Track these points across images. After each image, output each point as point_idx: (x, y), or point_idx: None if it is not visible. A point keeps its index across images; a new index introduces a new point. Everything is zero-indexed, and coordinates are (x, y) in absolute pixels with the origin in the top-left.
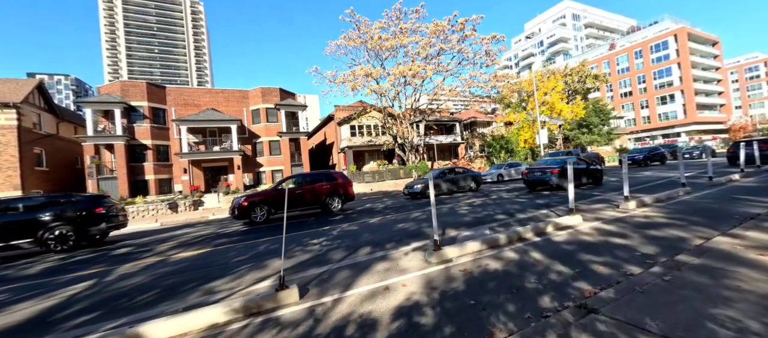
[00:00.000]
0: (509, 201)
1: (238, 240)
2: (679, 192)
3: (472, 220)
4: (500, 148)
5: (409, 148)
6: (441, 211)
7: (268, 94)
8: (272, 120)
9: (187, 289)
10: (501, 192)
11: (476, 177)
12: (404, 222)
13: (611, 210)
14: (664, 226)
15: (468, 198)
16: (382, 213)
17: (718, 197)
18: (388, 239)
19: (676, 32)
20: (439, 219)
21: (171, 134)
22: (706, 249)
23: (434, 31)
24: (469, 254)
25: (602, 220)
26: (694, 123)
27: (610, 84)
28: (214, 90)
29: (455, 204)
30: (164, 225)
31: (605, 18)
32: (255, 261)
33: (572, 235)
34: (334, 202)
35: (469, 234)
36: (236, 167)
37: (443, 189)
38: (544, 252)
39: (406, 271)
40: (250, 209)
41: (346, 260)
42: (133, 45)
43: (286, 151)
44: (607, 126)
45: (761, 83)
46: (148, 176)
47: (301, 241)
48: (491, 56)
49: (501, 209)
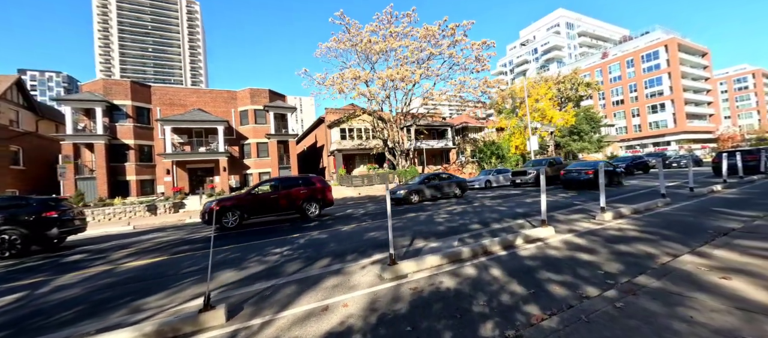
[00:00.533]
0: (490, 209)
1: (200, 247)
2: (658, 204)
3: (445, 230)
4: (491, 154)
5: (400, 152)
6: (418, 219)
7: (257, 95)
8: (261, 121)
9: (116, 305)
10: (485, 200)
11: (461, 183)
12: (378, 230)
13: (587, 221)
14: (635, 241)
15: (450, 205)
16: (358, 220)
17: (697, 209)
18: (353, 249)
19: (667, 42)
20: (413, 228)
21: (156, 134)
22: (670, 269)
23: (424, 35)
24: (427, 269)
25: (575, 233)
26: (683, 132)
27: (603, 92)
28: (202, 90)
29: (435, 211)
30: (137, 228)
31: (598, 27)
32: (204, 275)
33: (540, 249)
34: (311, 208)
35: (436, 245)
36: (222, 169)
37: (427, 195)
38: (505, 268)
39: (355, 288)
40: (220, 214)
41: (298, 273)
42: (127, 43)
43: (274, 153)
44: (598, 133)
45: (750, 94)
46: (130, 177)
47: (262, 250)
48: (481, 61)
49: (479, 218)
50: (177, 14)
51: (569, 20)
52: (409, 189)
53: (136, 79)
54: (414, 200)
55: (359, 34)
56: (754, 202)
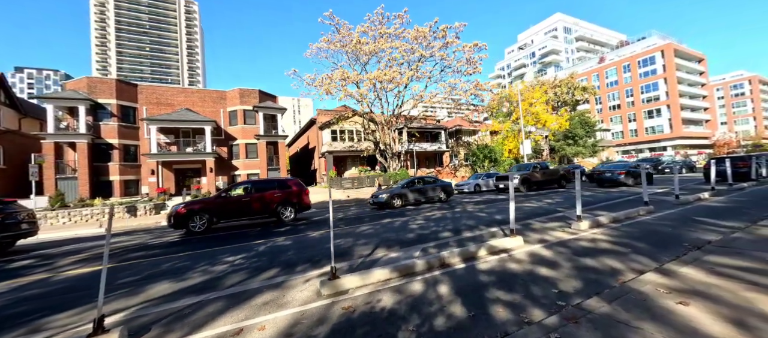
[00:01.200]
0: (469, 215)
1: (156, 254)
2: (640, 212)
3: (414, 238)
4: (483, 158)
5: (391, 154)
6: (392, 225)
7: (247, 95)
8: (250, 122)
9: (18, 324)
10: (469, 205)
11: (446, 187)
12: (346, 237)
13: (561, 230)
14: (604, 254)
15: (432, 210)
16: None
17: (678, 219)
18: (309, 259)
19: (663, 48)
20: (383, 235)
21: (141, 134)
22: (627, 290)
23: (415, 36)
24: (371, 285)
25: (544, 243)
26: (679, 137)
27: (600, 97)
28: (190, 89)
29: (413, 217)
30: None
31: (596, 32)
32: (138, 286)
33: (501, 262)
34: (285, 211)
35: (395, 255)
36: (209, 169)
37: (410, 199)
38: (456, 284)
39: (285, 306)
40: (187, 218)
41: (236, 287)
42: (124, 42)
43: (263, 154)
44: (593, 138)
45: (746, 100)
46: (113, 177)
47: (214, 258)
48: (472, 64)
49: (454, 225)
50: (175, 14)
51: (567, 25)
52: (392, 193)
53: (133, 78)
54: (396, 204)
55: (350, 35)
56: (738, 212)
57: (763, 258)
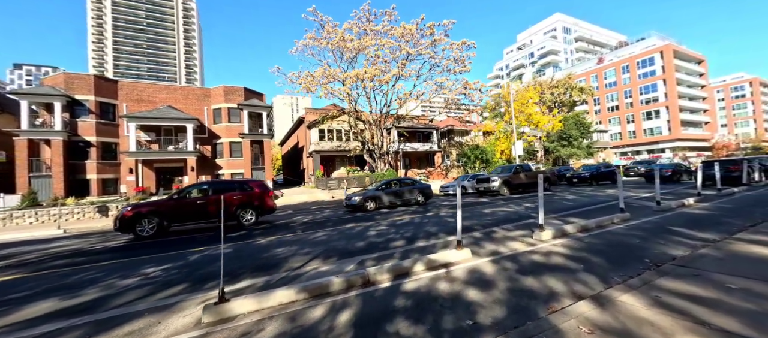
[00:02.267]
0: (438, 221)
1: (79, 262)
2: (614, 220)
3: (363, 247)
4: (475, 158)
5: (379, 154)
6: (350, 232)
7: (232, 93)
8: (235, 120)
9: None
10: (445, 208)
11: (424, 189)
12: (290, 245)
13: (521, 240)
14: (553, 272)
15: (404, 214)
16: (292, 231)
17: (652, 228)
18: (230, 272)
19: (662, 49)
20: (332, 243)
21: (121, 131)
22: (547, 326)
23: (402, 34)
24: (268, 309)
25: (494, 257)
26: (678, 139)
27: (598, 98)
28: (173, 86)
29: (379, 222)
30: (67, 232)
31: (595, 32)
32: (17, 305)
33: (433, 281)
34: (246, 215)
35: (325, 269)
36: (190, 168)
37: (384, 202)
38: (364, 309)
39: (153, 335)
40: (134, 221)
41: (119, 308)
42: (121, 39)
43: (247, 153)
44: (588, 139)
45: (746, 102)
46: (91, 175)
47: (132, 270)
48: (460, 62)
49: (415, 232)
50: (173, 11)
51: (566, 25)
52: (365, 196)
53: (129, 75)
54: (369, 207)
55: (334, 31)
56: (719, 221)
57: (722, 284)
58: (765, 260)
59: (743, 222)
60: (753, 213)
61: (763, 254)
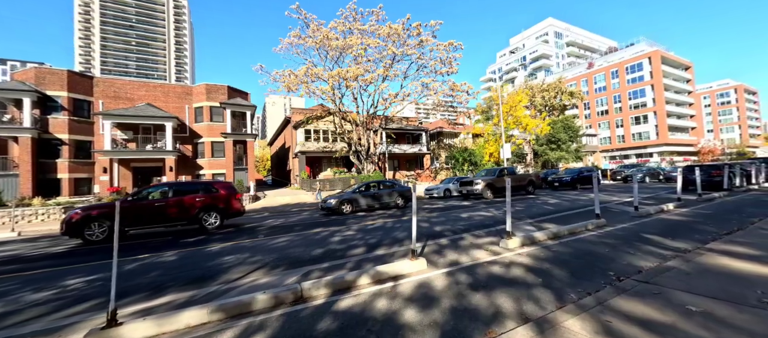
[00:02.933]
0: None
1: (10, 270)
2: (588, 226)
3: (320, 254)
4: (463, 161)
5: (365, 156)
6: (314, 237)
7: (214, 91)
8: (217, 119)
9: None
10: (424, 212)
11: (404, 192)
12: (242, 252)
13: (487, 248)
14: (507, 286)
15: (379, 218)
16: (254, 236)
17: (625, 236)
18: (153, 285)
19: (650, 55)
20: (288, 250)
21: (97, 129)
22: None
23: (388, 34)
24: (168, 334)
25: (451, 268)
26: (665, 144)
27: (588, 102)
28: (153, 83)
29: (348, 227)
30: (22, 235)
31: (586, 38)
32: None
33: (373, 297)
34: (210, 218)
35: (265, 281)
36: (168, 168)
37: (362, 205)
38: (278, 333)
39: None
40: (83, 224)
41: (1, 332)
42: (109, 35)
43: (229, 153)
44: (576, 143)
45: (732, 109)
46: (62, 175)
47: (50, 282)
48: (446, 63)
49: (381, 238)
50: (163, 8)
51: (558, 30)
52: (341, 198)
53: (118, 73)
54: (346, 210)
55: (319, 30)
56: (694, 229)
57: (683, 306)
58: (732, 275)
59: (719, 230)
60: (730, 220)
61: (731, 268)
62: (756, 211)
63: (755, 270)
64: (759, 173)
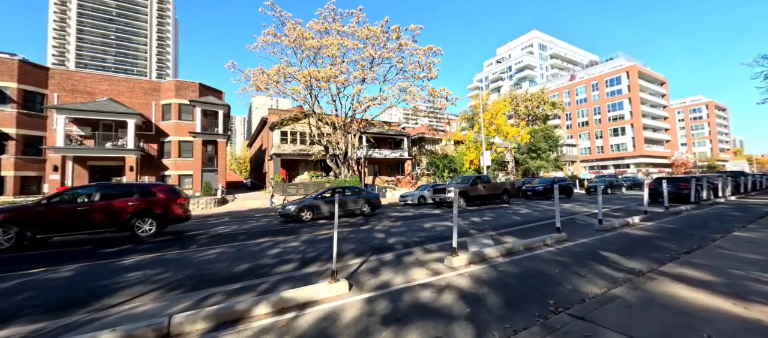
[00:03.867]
0: (366, 237)
1: None
2: (547, 241)
3: (242, 271)
4: (443, 168)
5: (342, 160)
6: (249, 249)
7: (184, 88)
8: (186, 118)
9: None
10: (390, 221)
11: (371, 199)
12: (156, 268)
13: (428, 268)
14: (426, 318)
15: (341, 227)
16: (186, 246)
17: (582, 254)
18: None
19: (628, 69)
20: (208, 266)
21: (50, 124)
22: None
23: (367, 36)
24: None
25: (377, 291)
26: (642, 156)
27: (570, 113)
28: (116, 77)
29: (299, 237)
30: None
31: (569, 51)
32: None
33: (257, 335)
34: (144, 225)
35: (149, 308)
36: (128, 168)
37: (323, 212)
38: None
39: None
40: None
41: None
42: (87, 28)
43: (198, 153)
44: (556, 152)
45: (703, 123)
46: (6, 172)
47: None
48: (424, 68)
49: (322, 252)
50: (146, 2)
51: (542, 42)
52: (301, 205)
53: (94, 67)
54: (305, 218)
55: (295, 29)
56: (655, 246)
57: None
58: (680, 308)
59: (678, 248)
60: (692, 236)
61: (680, 298)
62: (719, 226)
63: (706, 301)
64: (725, 186)
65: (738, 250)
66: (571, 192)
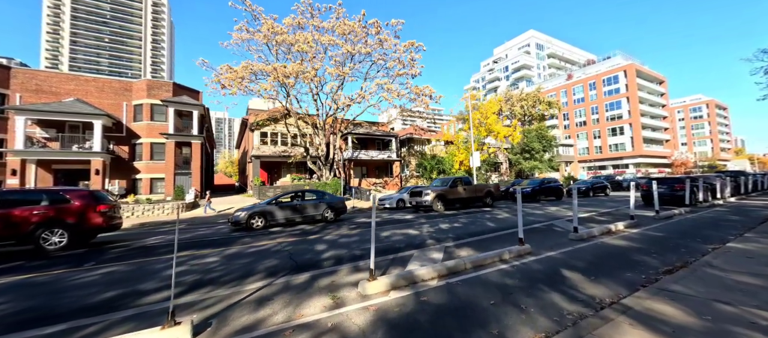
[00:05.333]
0: (306, 250)
1: None
2: (504, 256)
3: (97, 304)
4: (432, 169)
5: (324, 162)
6: (158, 266)
7: (156, 88)
8: (159, 119)
9: None
10: (348, 228)
11: (334, 204)
12: (20, 291)
13: (334, 296)
14: None
15: (284, 236)
16: (80, 263)
17: (539, 273)
18: None
19: (626, 68)
20: (73, 293)
21: (12, 126)
22: None
23: (343, 32)
24: None
25: (235, 335)
26: (641, 156)
27: (567, 113)
28: (84, 77)
29: (228, 249)
30: None
31: (567, 50)
32: None
33: None
34: (52, 237)
35: None
36: (94, 171)
37: (278, 219)
38: None
39: None
40: None
41: None
42: (81, 31)
43: (170, 156)
44: (551, 152)
45: (704, 123)
46: None
47: None
48: (404, 65)
49: (224, 273)
50: (141, 5)
51: (539, 42)
52: (252, 211)
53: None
54: (255, 225)
55: (266, 23)
56: (631, 261)
57: None
58: None
59: (660, 264)
60: (679, 247)
61: None
62: (713, 235)
63: None
64: (724, 187)
65: (731, 270)
66: (561, 194)
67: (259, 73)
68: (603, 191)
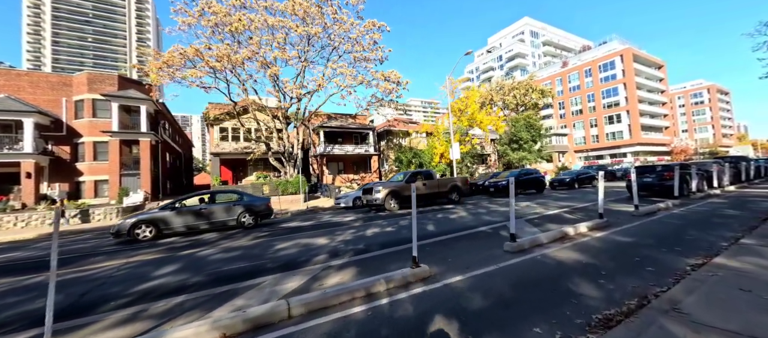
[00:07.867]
0: (188, 267)
1: None
2: (375, 287)
3: None
4: (409, 163)
5: (288, 158)
6: None
7: (98, 81)
8: (103, 115)
9: None
10: (244, 239)
11: (254, 207)
12: None
13: None
14: None
15: (164, 250)
16: None
17: (397, 326)
18: None
19: (622, 52)
20: None
21: None
22: None
23: (293, 10)
24: None
25: None
26: (639, 143)
27: (563, 102)
28: (15, 71)
29: (87, 269)
30: None
31: (563, 37)
32: None
33: None
34: None
35: None
36: (25, 175)
37: (176, 227)
38: None
39: None
40: None
41: None
42: (63, 31)
43: (115, 155)
44: (540, 142)
45: (705, 109)
46: None
47: None
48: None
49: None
50: (124, 2)
51: (534, 29)
52: (139, 219)
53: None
54: (143, 236)
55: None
56: (565, 294)
57: None
58: None
59: (602, 301)
60: (645, 264)
61: None
62: (698, 240)
63: None
64: (722, 175)
65: (707, 326)
66: (543, 186)
67: (195, 59)
68: (590, 182)
